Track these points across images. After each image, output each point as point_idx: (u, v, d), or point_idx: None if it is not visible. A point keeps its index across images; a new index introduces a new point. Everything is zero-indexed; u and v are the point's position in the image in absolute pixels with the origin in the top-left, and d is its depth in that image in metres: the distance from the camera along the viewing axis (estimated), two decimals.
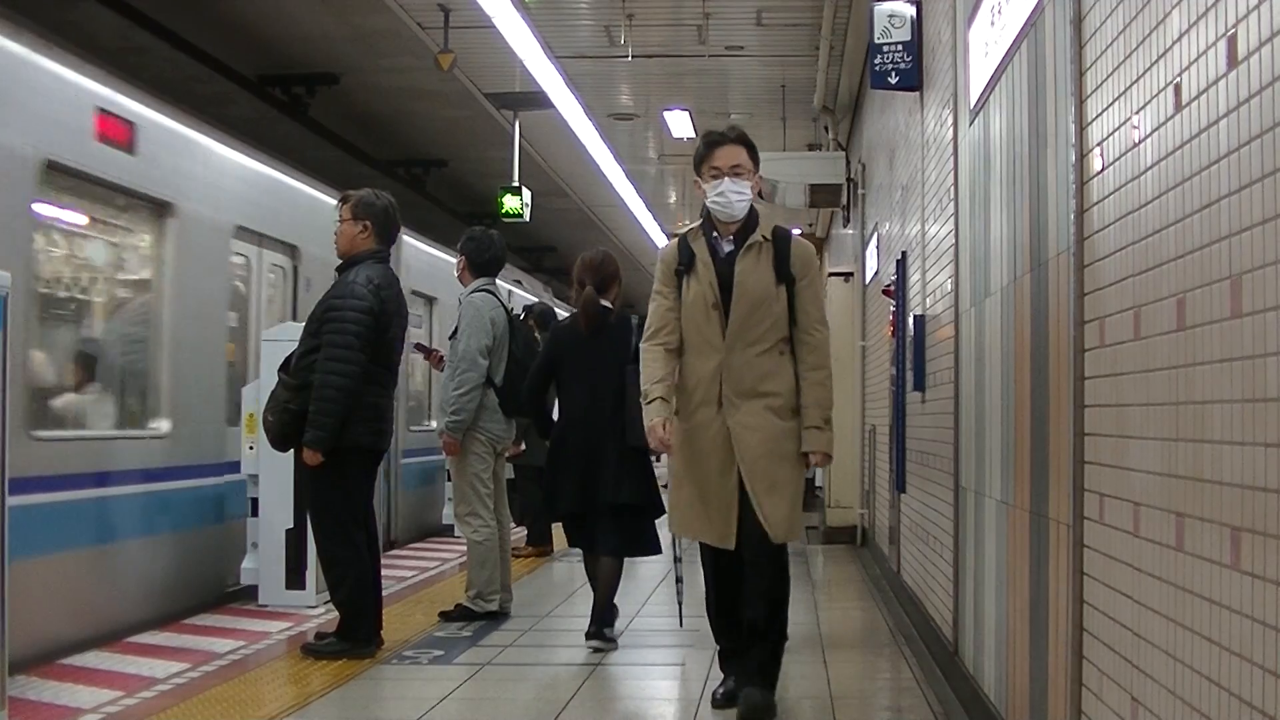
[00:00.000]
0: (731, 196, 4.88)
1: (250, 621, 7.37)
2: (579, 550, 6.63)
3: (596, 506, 6.20)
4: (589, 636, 6.20)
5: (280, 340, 7.14)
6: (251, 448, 7.73)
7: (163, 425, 7.63)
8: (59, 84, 6.67)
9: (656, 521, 6.33)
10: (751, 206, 4.96)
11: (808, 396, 4.83)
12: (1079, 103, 3.27)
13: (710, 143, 4.99)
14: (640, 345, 5.00)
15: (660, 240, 20.62)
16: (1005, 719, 4.26)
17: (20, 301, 5.88)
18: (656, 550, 6.45)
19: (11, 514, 4.57)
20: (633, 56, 10.57)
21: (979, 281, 4.88)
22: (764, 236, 4.91)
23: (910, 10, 7.21)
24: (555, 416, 6.61)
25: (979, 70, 4.83)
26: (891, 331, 8.08)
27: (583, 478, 6.22)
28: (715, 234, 4.94)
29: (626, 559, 6.46)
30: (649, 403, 4.80)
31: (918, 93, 7.09)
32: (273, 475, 7.58)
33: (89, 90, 6.94)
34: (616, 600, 6.42)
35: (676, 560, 6.27)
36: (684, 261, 4.92)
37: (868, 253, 10.52)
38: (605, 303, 6.41)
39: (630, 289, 24.98)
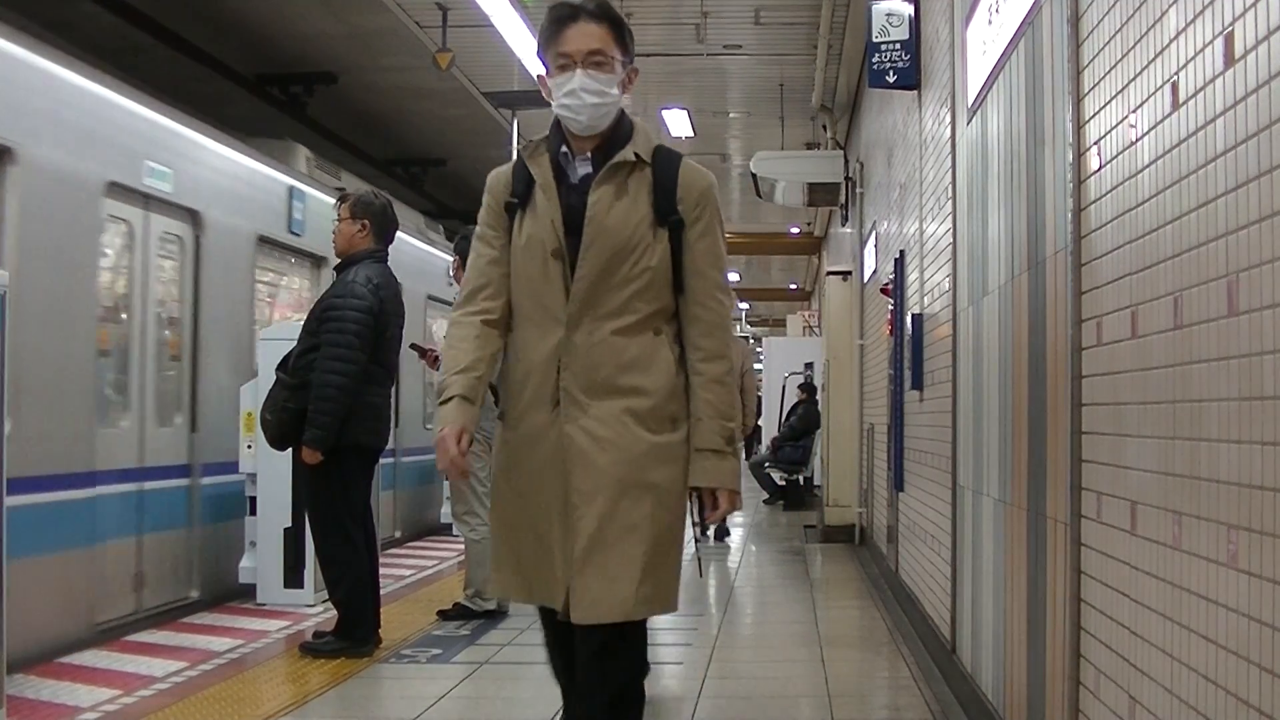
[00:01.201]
0: (586, 97, 3.25)
1: (248, 620, 7.37)
2: None
3: None
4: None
5: (278, 339, 7.13)
6: (250, 447, 7.73)
7: None
8: None
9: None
10: (622, 114, 3.34)
11: (700, 401, 3.22)
12: (1076, 101, 3.27)
13: (558, 19, 3.30)
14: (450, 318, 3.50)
15: None
16: (1003, 718, 4.26)
17: None
18: None
19: None
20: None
21: (977, 280, 4.88)
22: (637, 156, 3.26)
23: (908, 9, 7.22)
24: None
25: (977, 69, 4.83)
26: (889, 330, 8.08)
27: None
28: (566, 150, 3.32)
29: None
30: (443, 402, 3.23)
31: (916, 91, 7.10)
32: (271, 474, 7.57)
33: None
34: None
35: (694, 524, 6.45)
36: (518, 191, 3.30)
37: (866, 251, 10.52)
38: None
39: None
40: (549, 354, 3.21)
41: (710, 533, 10.60)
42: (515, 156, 3.43)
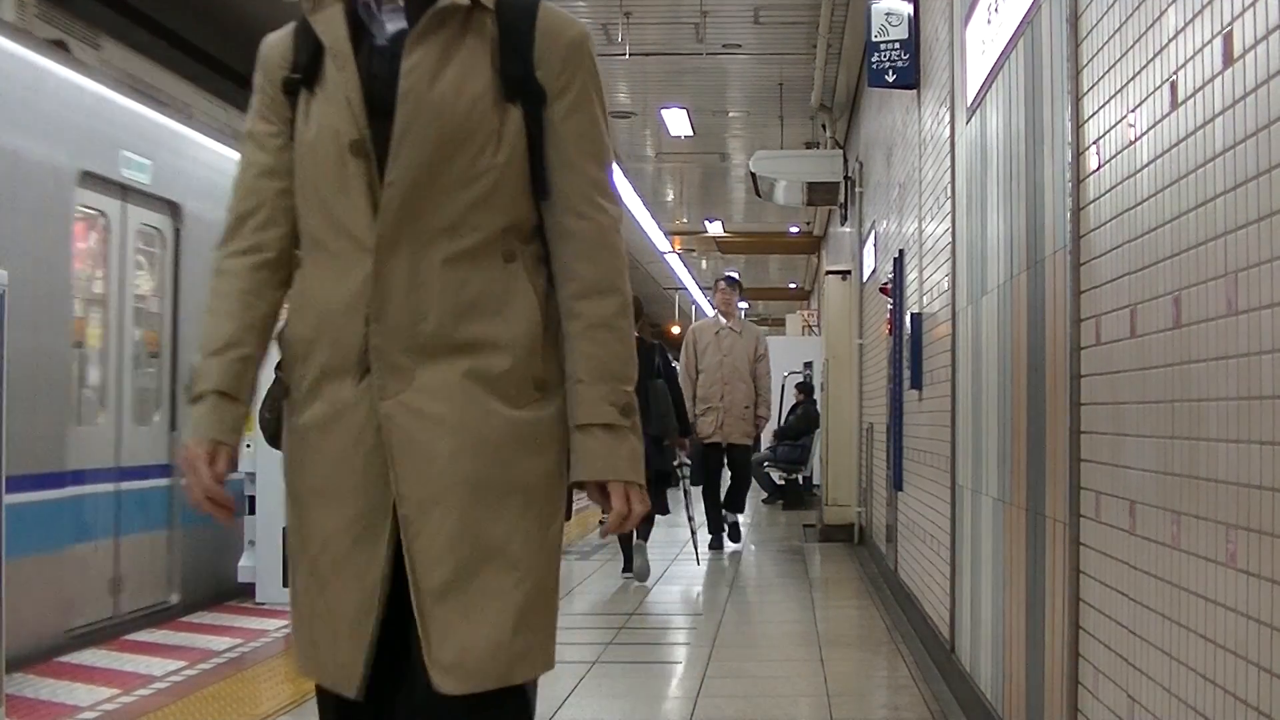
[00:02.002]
0: None
1: (247, 619, 7.37)
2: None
3: None
4: (624, 572, 8.61)
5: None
6: (249, 445, 7.71)
7: None
8: None
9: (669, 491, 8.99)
10: None
11: (579, 356, 2.23)
12: (1075, 100, 3.27)
13: None
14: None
15: (660, 240, 20.63)
16: (1002, 717, 4.26)
17: None
18: (663, 512, 8.73)
19: None
20: (630, 54, 10.57)
21: (976, 280, 4.88)
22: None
23: (907, 8, 7.22)
24: None
25: (976, 68, 4.83)
26: (889, 330, 8.08)
27: None
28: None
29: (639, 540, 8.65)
30: (193, 400, 2.25)
31: (915, 91, 7.10)
32: (270, 473, 7.57)
33: None
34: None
35: (690, 519, 9.25)
36: (301, 62, 2.26)
37: (865, 251, 10.52)
38: (635, 333, 8.23)
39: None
40: (350, 298, 2.15)
41: (711, 537, 10.57)
42: (300, 20, 2.30)
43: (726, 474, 10.75)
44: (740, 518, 11.03)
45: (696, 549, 9.52)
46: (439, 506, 2.13)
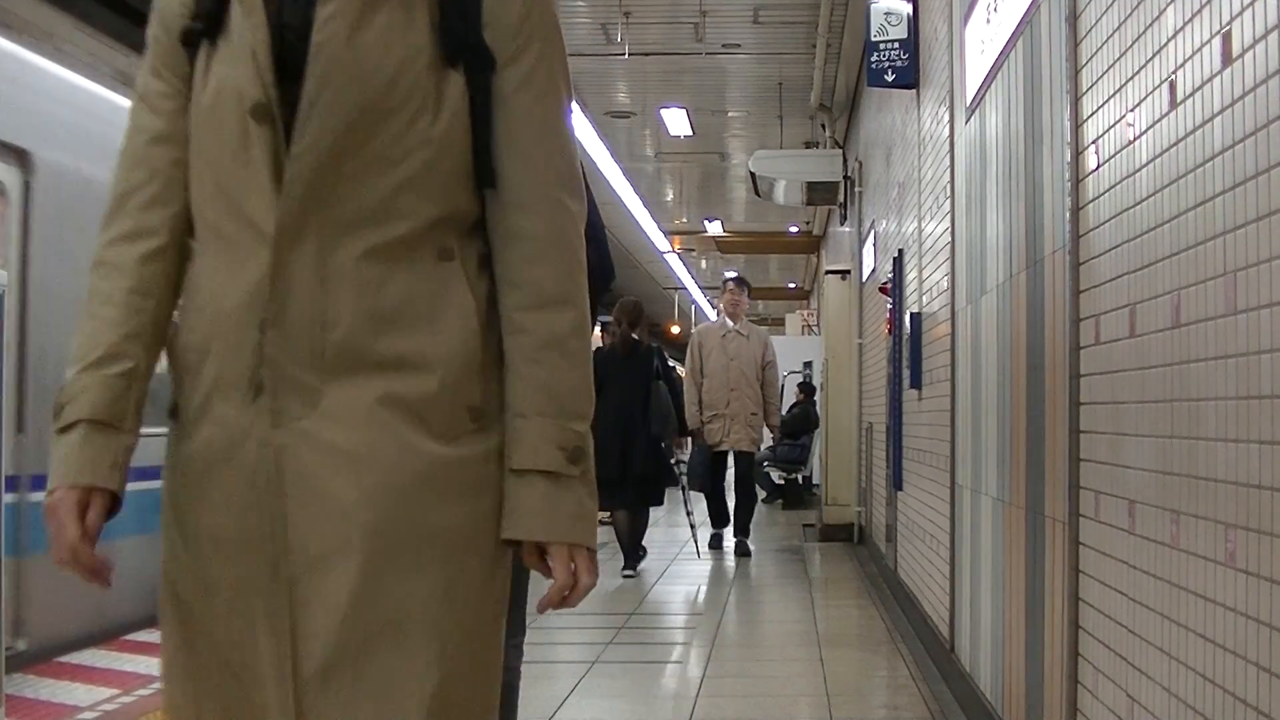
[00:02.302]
0: None
1: None
2: None
3: (627, 475, 8.70)
4: (624, 571, 8.90)
5: None
6: None
7: None
8: None
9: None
10: None
11: (521, 382, 1.78)
12: (1074, 100, 3.27)
13: None
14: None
15: (659, 240, 20.63)
16: (1001, 717, 4.27)
17: None
18: (658, 502, 9.31)
19: None
20: (629, 54, 10.57)
21: (975, 279, 4.88)
22: None
23: (906, 8, 7.22)
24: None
25: (975, 68, 4.83)
26: (888, 329, 8.08)
27: (620, 456, 8.64)
28: None
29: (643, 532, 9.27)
30: (60, 430, 1.74)
31: (914, 90, 7.10)
32: None
33: None
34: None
35: (688, 513, 10.01)
36: (205, 8, 1.82)
37: (864, 250, 10.52)
38: (635, 335, 9.07)
39: (627, 287, 24.97)
40: (244, 298, 1.71)
41: (712, 535, 10.57)
42: None
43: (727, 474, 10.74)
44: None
45: (697, 544, 10.01)
46: (335, 566, 1.65)
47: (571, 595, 1.74)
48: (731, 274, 13.63)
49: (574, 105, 1.90)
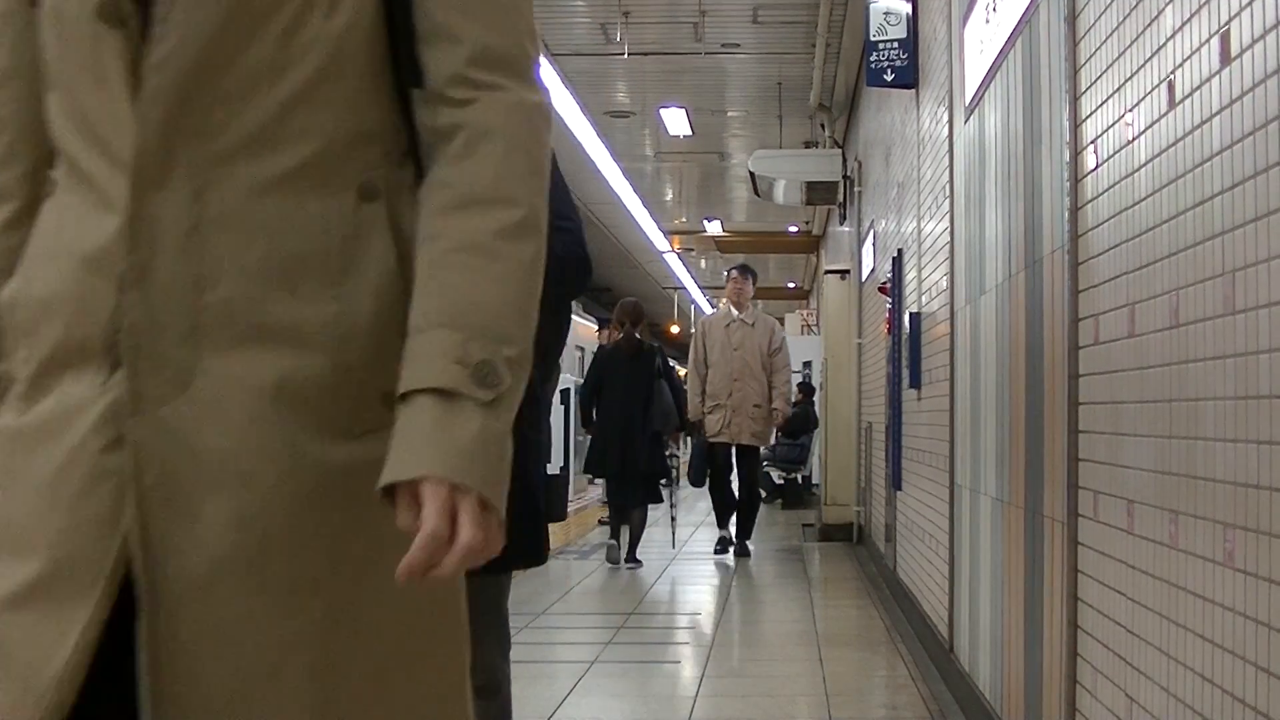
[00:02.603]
0: None
1: None
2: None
3: (628, 472, 9.09)
4: (626, 560, 9.19)
5: None
6: None
7: None
8: None
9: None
10: None
11: (432, 286, 1.30)
12: (1073, 100, 3.27)
13: None
14: None
15: (659, 240, 20.63)
16: (1000, 716, 4.27)
17: None
18: (658, 500, 9.63)
19: None
20: (629, 54, 10.57)
21: (974, 279, 4.88)
22: None
23: (906, 8, 7.22)
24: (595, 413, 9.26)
25: (974, 67, 4.83)
26: (888, 329, 8.08)
27: (621, 452, 9.05)
28: None
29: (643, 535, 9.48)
30: None
31: (913, 90, 7.10)
32: None
33: None
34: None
35: (672, 505, 10.94)
36: None
37: (864, 250, 10.52)
38: (636, 335, 9.32)
39: (626, 287, 24.90)
40: (99, 248, 1.31)
41: (717, 541, 10.56)
42: None
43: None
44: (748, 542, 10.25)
45: (674, 536, 10.78)
46: (199, 603, 1.26)
47: (447, 555, 1.22)
48: (738, 264, 13.60)
49: (572, 100, 1.76)
